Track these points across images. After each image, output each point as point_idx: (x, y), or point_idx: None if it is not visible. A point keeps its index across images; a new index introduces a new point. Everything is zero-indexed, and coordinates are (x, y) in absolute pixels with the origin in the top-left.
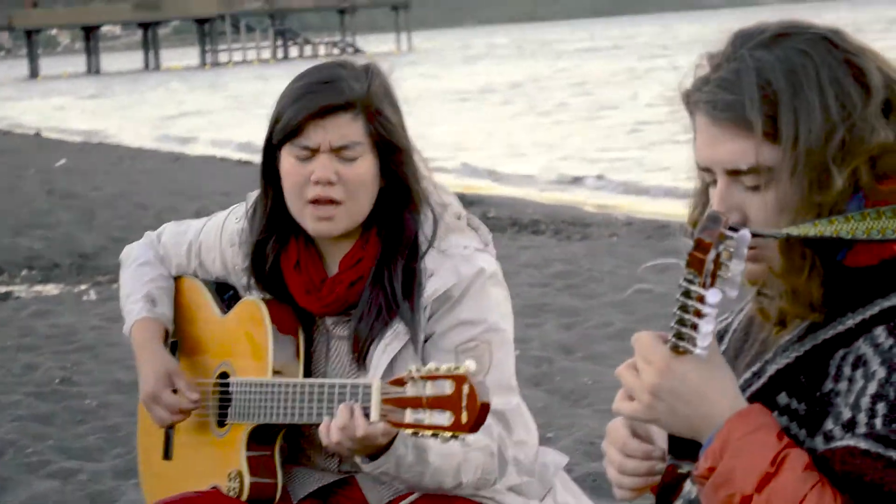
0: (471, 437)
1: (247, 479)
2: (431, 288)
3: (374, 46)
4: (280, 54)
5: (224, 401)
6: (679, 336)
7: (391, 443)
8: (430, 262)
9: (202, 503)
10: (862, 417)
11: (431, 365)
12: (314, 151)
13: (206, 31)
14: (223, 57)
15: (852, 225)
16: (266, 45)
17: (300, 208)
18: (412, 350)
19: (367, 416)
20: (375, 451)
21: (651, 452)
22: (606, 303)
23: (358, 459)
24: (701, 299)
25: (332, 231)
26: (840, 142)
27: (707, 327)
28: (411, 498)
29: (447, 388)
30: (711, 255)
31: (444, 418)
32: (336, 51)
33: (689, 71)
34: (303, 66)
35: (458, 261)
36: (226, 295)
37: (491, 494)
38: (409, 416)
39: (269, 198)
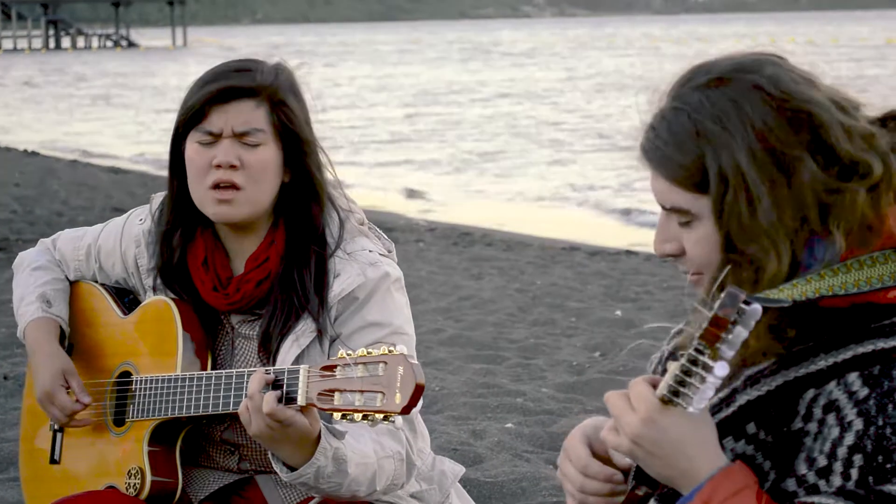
0: (399, 420)
1: (148, 476)
2: (338, 288)
3: (149, 40)
4: (52, 44)
5: (122, 400)
6: (675, 393)
7: (312, 453)
8: (336, 263)
9: (97, 501)
10: (838, 467)
11: (363, 349)
12: (217, 137)
13: None
14: None
15: (841, 279)
16: (38, 34)
17: (202, 194)
18: (318, 347)
19: (293, 400)
20: (301, 454)
21: (612, 476)
22: (432, 309)
23: (277, 468)
24: (708, 369)
25: (232, 215)
26: (775, 186)
27: (708, 393)
28: (313, 502)
29: (380, 370)
30: (727, 332)
31: (377, 400)
32: (109, 43)
33: (644, 113)
34: (75, 57)
35: (363, 264)
36: (125, 299)
37: (394, 500)
38: (339, 399)
39: (174, 188)
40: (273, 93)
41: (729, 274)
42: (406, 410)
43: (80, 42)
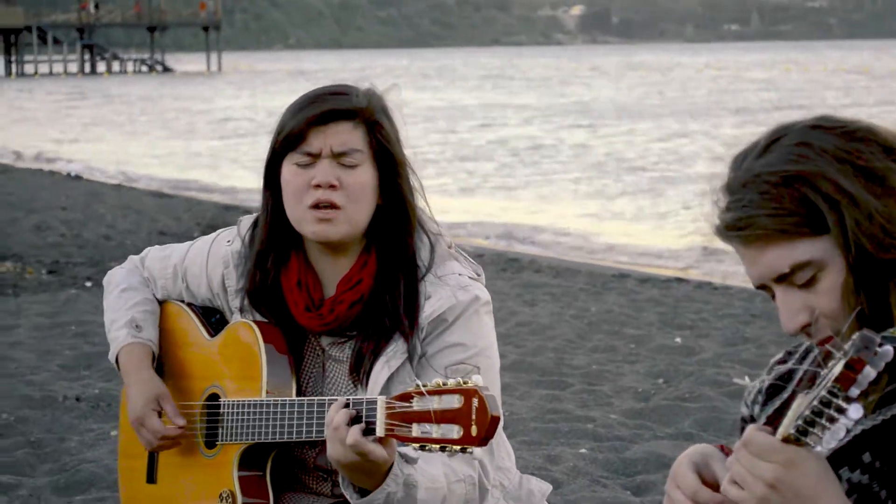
0: (477, 451)
1: (239, 499)
2: (429, 309)
3: (184, 65)
4: (87, 68)
5: (212, 423)
6: (803, 432)
7: (384, 479)
8: (427, 286)
9: None
10: None
11: (438, 380)
12: (315, 157)
13: (11, 41)
14: (29, 68)
15: None
16: (73, 58)
17: (300, 214)
18: (409, 368)
19: (372, 431)
20: (373, 480)
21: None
22: None
23: (347, 493)
24: (842, 412)
25: (331, 234)
26: (878, 196)
27: (840, 433)
28: None
29: (455, 402)
30: (861, 374)
31: (454, 432)
32: (144, 68)
33: (711, 209)
34: (111, 81)
35: (454, 287)
36: (212, 319)
37: None
38: (416, 430)
39: (269, 210)
40: (369, 115)
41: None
42: (483, 443)
43: (116, 66)
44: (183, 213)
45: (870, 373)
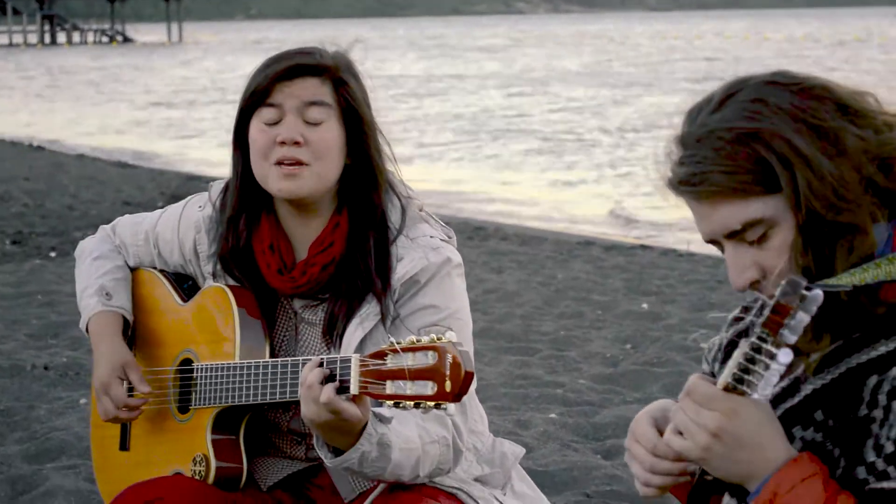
0: (451, 408)
1: (213, 463)
2: (402, 270)
3: (144, 36)
4: (48, 39)
5: (185, 387)
6: (739, 380)
7: (358, 438)
8: (399, 248)
9: (168, 486)
10: None
11: (412, 337)
12: (281, 113)
13: None
14: None
15: None
16: (33, 29)
17: (266, 170)
18: (382, 330)
19: (346, 389)
20: (347, 439)
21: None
22: None
23: (321, 453)
24: (771, 356)
25: (296, 190)
26: (832, 156)
27: (773, 379)
28: (381, 488)
29: (429, 358)
30: (789, 318)
31: (428, 388)
32: (105, 38)
33: (664, 160)
34: (71, 52)
35: (426, 248)
36: (184, 285)
37: (458, 485)
38: (391, 387)
39: (239, 171)
40: (336, 72)
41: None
42: (457, 398)
43: (76, 37)
44: (147, 182)
45: (803, 317)
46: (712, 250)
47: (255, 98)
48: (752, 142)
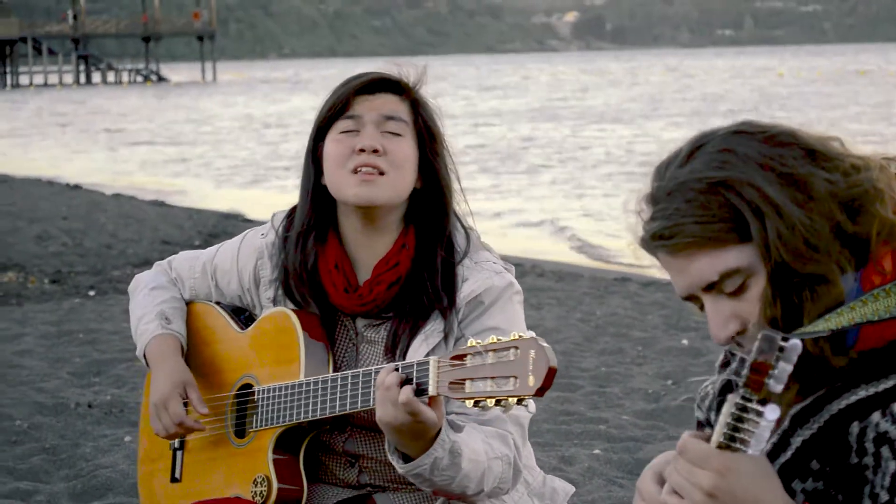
0: (532, 407)
1: (274, 484)
2: (467, 290)
3: (179, 75)
4: (83, 79)
5: (241, 413)
6: (731, 439)
7: (430, 444)
8: (464, 270)
9: None
10: None
11: (492, 337)
12: (360, 124)
13: (6, 52)
14: (24, 80)
15: (874, 306)
16: (69, 69)
17: (343, 178)
18: (445, 348)
19: (424, 391)
20: (420, 444)
21: None
22: None
23: (393, 459)
24: (759, 415)
25: (373, 197)
26: (801, 204)
27: (765, 434)
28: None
29: (511, 355)
30: (769, 376)
31: (509, 384)
32: (140, 78)
33: (636, 221)
34: (106, 92)
35: (490, 272)
36: (241, 316)
37: None
38: (470, 387)
39: (310, 188)
40: (413, 92)
41: (773, 308)
42: (540, 393)
43: (111, 77)
44: (184, 221)
45: (785, 367)
46: None
47: (335, 111)
48: (724, 190)
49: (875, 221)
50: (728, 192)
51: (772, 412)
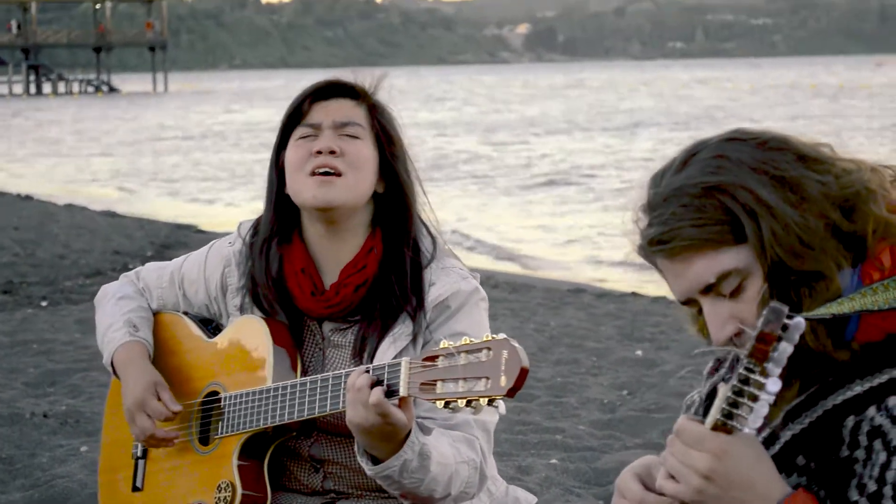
0: (502, 408)
1: (238, 490)
2: (435, 293)
3: (130, 86)
4: (33, 90)
5: (206, 420)
6: (728, 416)
7: (400, 446)
8: (431, 274)
9: None
10: (888, 491)
11: (466, 338)
12: (317, 129)
13: None
14: None
15: (877, 297)
16: (18, 79)
17: (302, 182)
18: (413, 351)
19: (394, 393)
20: (390, 446)
21: None
22: None
23: (362, 461)
24: (761, 387)
25: (330, 198)
26: (795, 205)
27: (762, 410)
28: None
29: (482, 356)
30: (773, 348)
31: (481, 384)
32: (91, 88)
33: (633, 229)
34: (56, 103)
35: (456, 276)
36: (209, 326)
37: None
38: (441, 388)
39: (274, 194)
40: (371, 99)
41: (770, 295)
42: (511, 393)
43: (61, 87)
44: (135, 231)
45: (786, 348)
46: None
47: (293, 117)
48: (718, 194)
49: (870, 219)
50: (722, 195)
51: (773, 384)
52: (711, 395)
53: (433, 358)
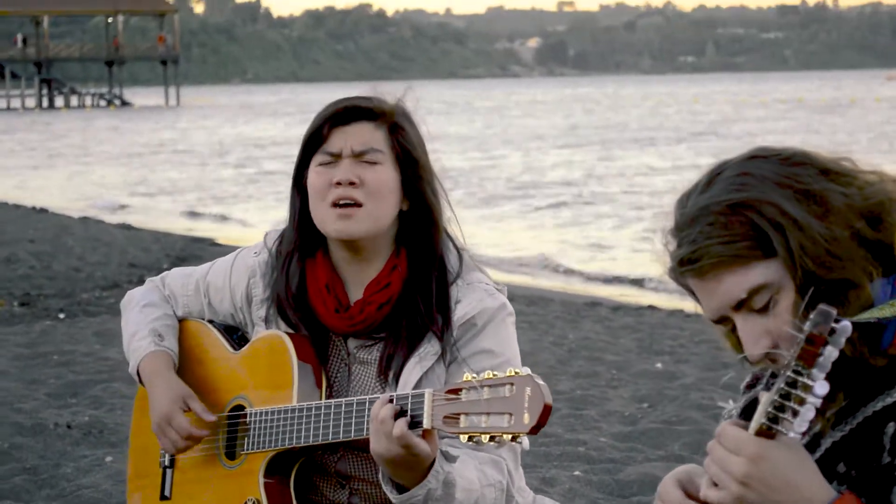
0: (526, 443)
1: None
2: (461, 311)
3: (143, 99)
4: (46, 103)
5: (232, 433)
6: (774, 420)
7: (424, 475)
8: (457, 291)
9: None
10: None
11: (488, 372)
12: (337, 157)
13: None
14: None
15: None
16: (31, 93)
17: (324, 212)
18: (440, 369)
19: (418, 424)
20: (414, 475)
21: None
22: None
23: (387, 489)
24: (808, 389)
25: (352, 231)
26: (820, 217)
27: (809, 414)
28: None
29: (506, 391)
30: (824, 353)
31: (504, 421)
32: (103, 102)
33: (662, 253)
34: (69, 116)
35: (483, 293)
36: (234, 335)
37: None
38: (465, 422)
39: (297, 214)
40: (390, 117)
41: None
42: (535, 430)
43: (74, 101)
44: (151, 244)
45: (832, 352)
46: None
47: (313, 142)
48: (744, 210)
49: (895, 229)
50: (748, 211)
51: (821, 387)
52: (750, 407)
53: (456, 391)
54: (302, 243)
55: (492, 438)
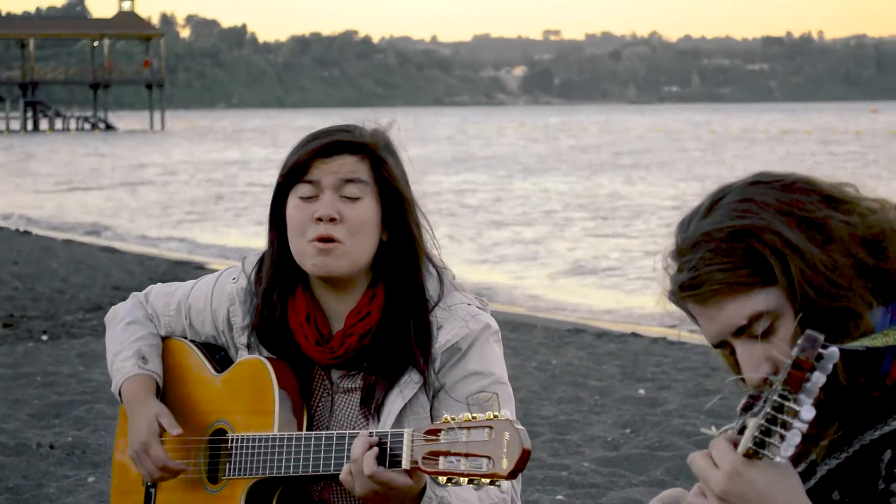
0: (505, 485)
1: None
2: (443, 339)
3: (127, 123)
4: (30, 126)
5: (215, 457)
6: (760, 444)
7: (417, 503)
8: (438, 316)
9: None
10: None
11: (467, 414)
12: (319, 189)
13: None
14: None
15: None
16: (16, 116)
17: (303, 247)
18: (423, 399)
19: (397, 464)
20: None
21: None
22: None
23: None
24: (795, 414)
25: (331, 268)
26: (821, 245)
27: (795, 439)
28: None
29: (484, 434)
30: (811, 379)
31: (483, 465)
32: (88, 126)
33: (663, 277)
34: (54, 139)
35: (465, 317)
36: (216, 356)
37: None
38: (444, 463)
39: (275, 246)
40: (373, 149)
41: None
42: (512, 475)
43: (58, 124)
44: (135, 267)
45: (819, 378)
46: (703, 338)
47: (293, 174)
48: (746, 237)
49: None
50: (750, 238)
51: (807, 412)
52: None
53: (436, 431)
54: (281, 277)
55: (470, 481)
